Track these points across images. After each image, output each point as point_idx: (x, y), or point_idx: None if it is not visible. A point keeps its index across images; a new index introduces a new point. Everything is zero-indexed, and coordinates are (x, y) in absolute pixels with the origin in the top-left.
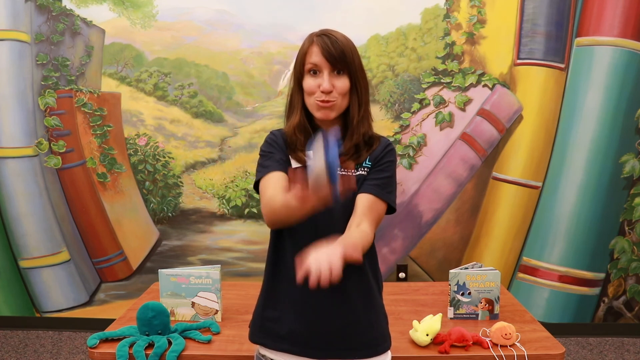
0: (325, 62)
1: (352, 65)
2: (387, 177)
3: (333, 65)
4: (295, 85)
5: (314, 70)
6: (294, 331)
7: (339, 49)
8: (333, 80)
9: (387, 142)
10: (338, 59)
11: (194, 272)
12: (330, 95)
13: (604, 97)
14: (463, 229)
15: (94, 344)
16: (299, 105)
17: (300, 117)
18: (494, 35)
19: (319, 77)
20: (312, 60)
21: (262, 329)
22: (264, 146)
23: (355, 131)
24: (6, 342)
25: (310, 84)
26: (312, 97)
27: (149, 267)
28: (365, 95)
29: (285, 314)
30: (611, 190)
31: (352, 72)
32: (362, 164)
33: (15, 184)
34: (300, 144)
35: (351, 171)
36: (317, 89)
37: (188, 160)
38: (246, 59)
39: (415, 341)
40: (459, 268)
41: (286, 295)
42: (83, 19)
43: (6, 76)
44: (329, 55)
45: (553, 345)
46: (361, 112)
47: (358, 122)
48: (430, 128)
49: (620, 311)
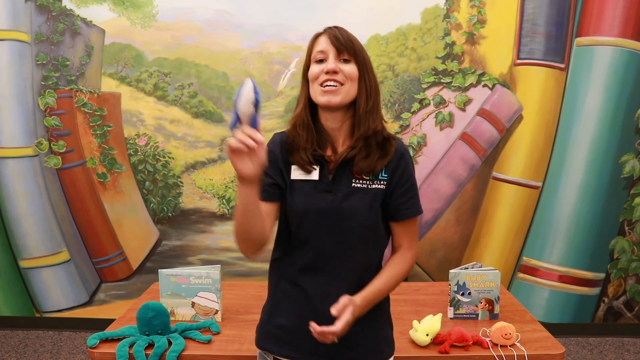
0: (331, 47)
1: (360, 55)
2: (413, 190)
3: (339, 50)
4: (302, 80)
5: (321, 59)
6: (300, 338)
7: (346, 37)
8: (340, 65)
9: (401, 147)
10: (345, 45)
11: (194, 272)
12: (337, 77)
13: (604, 97)
14: (463, 229)
15: (94, 344)
16: (303, 97)
17: (302, 110)
18: (494, 35)
19: (324, 64)
20: (318, 49)
21: (268, 335)
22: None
23: (363, 122)
24: (6, 342)
25: (314, 70)
26: (316, 83)
27: (149, 267)
28: (375, 92)
29: (291, 321)
30: (611, 190)
31: (360, 62)
32: (377, 176)
33: (15, 184)
34: (303, 141)
35: (366, 183)
36: (321, 74)
37: (188, 160)
38: (246, 59)
39: (415, 341)
40: (459, 268)
41: (292, 303)
42: (83, 19)
43: (6, 76)
44: (336, 40)
45: (553, 345)
46: (370, 103)
47: (366, 112)
48: (430, 128)
49: (620, 311)
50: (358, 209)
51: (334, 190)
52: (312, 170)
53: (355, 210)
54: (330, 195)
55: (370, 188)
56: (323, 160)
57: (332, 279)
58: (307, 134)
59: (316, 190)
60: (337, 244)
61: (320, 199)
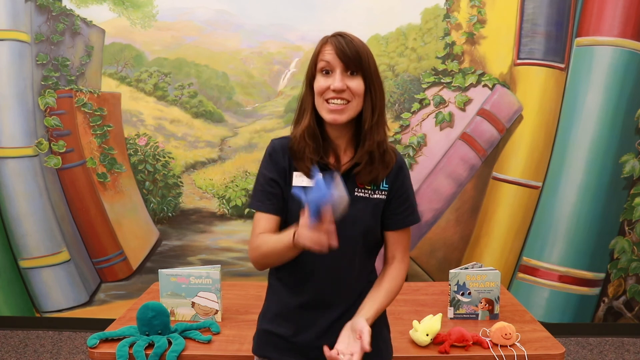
0: (338, 60)
1: (367, 68)
2: (410, 200)
3: (346, 65)
4: (306, 88)
5: (326, 70)
6: (298, 344)
7: (353, 49)
8: (346, 80)
9: (400, 158)
10: (352, 58)
11: (194, 272)
12: (344, 94)
13: (604, 97)
14: (463, 229)
15: (94, 344)
16: (309, 108)
17: (310, 120)
18: (494, 35)
19: (331, 77)
20: (324, 59)
21: (266, 342)
22: (263, 161)
23: (368, 137)
24: (6, 342)
25: (321, 83)
26: (322, 98)
27: (149, 267)
28: (380, 102)
29: (290, 329)
30: (611, 190)
31: (367, 75)
32: (379, 186)
33: (15, 184)
34: (310, 151)
35: (368, 192)
36: (327, 89)
37: (188, 160)
38: (246, 59)
39: (415, 341)
40: (459, 268)
41: (290, 310)
42: (83, 19)
43: (6, 76)
44: (342, 54)
45: (553, 345)
46: (375, 117)
47: (371, 127)
48: (430, 128)
49: (620, 311)
50: (361, 217)
51: None
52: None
53: (358, 218)
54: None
55: (372, 198)
56: (326, 168)
57: (332, 286)
58: (314, 144)
59: None
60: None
61: None
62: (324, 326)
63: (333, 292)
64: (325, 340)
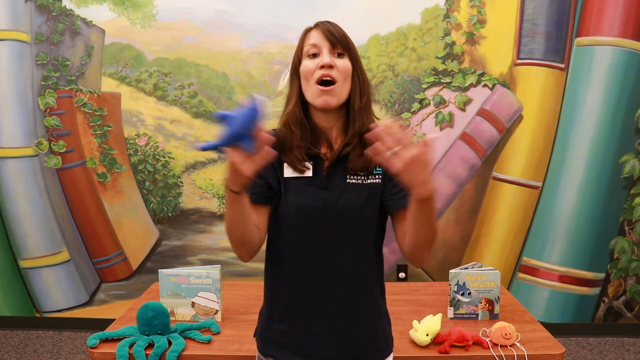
0: (325, 41)
1: (354, 50)
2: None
3: (333, 44)
4: (292, 75)
5: (313, 53)
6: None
7: (339, 30)
8: (334, 59)
9: None
10: (339, 39)
11: (194, 272)
12: (332, 72)
13: (604, 97)
14: (463, 229)
15: (94, 344)
16: (295, 94)
17: (295, 106)
18: (494, 35)
19: (318, 58)
20: (310, 42)
21: (270, 341)
22: None
23: (357, 118)
24: (6, 342)
25: (308, 66)
26: (311, 81)
27: (149, 267)
28: (367, 87)
29: (292, 325)
30: (611, 190)
31: (353, 57)
32: (371, 171)
33: (15, 184)
34: (297, 139)
35: (361, 178)
36: (315, 69)
37: (188, 160)
38: (246, 59)
39: (415, 341)
40: (459, 268)
41: (290, 306)
42: (83, 19)
43: (6, 76)
44: (329, 34)
45: (553, 345)
46: (363, 99)
47: (360, 108)
48: (430, 128)
49: (620, 311)
50: (354, 205)
51: (329, 187)
52: (304, 170)
53: (350, 206)
54: (325, 192)
55: (366, 183)
56: (317, 157)
57: (330, 278)
58: (300, 131)
59: (311, 187)
60: (333, 241)
61: (315, 195)
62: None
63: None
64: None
